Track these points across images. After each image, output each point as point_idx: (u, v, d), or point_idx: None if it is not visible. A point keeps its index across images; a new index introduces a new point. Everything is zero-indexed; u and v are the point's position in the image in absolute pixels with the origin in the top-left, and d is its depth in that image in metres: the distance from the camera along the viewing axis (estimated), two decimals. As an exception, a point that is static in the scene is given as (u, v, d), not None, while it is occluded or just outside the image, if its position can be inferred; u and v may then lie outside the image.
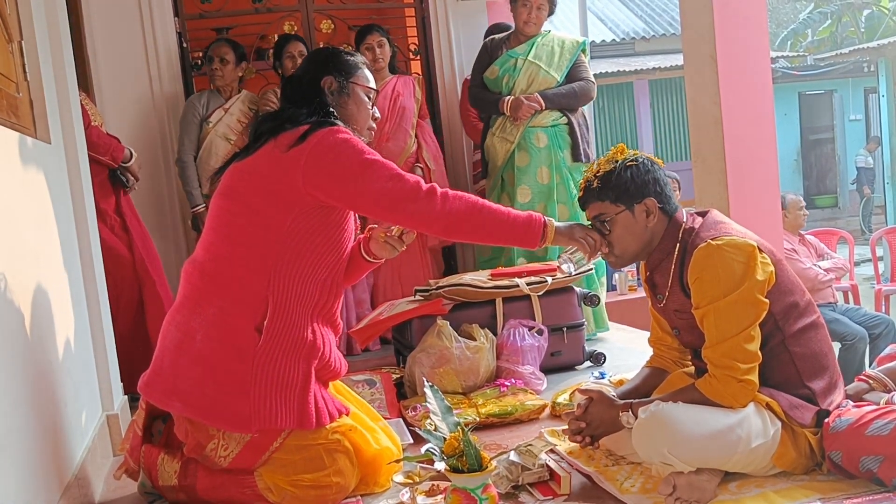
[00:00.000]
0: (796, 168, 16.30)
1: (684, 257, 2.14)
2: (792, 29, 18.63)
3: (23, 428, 1.86)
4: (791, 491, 2.00)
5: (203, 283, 2.20)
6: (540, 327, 3.36)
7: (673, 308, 2.23)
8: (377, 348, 4.32)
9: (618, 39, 12.99)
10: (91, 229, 2.96)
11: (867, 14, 17.94)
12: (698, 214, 2.23)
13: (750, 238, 2.10)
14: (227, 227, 2.19)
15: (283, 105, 2.33)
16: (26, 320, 2.02)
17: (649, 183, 2.17)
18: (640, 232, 2.19)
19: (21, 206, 2.13)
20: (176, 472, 2.26)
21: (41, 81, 2.53)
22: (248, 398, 2.12)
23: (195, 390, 2.15)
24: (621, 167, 2.18)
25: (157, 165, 4.35)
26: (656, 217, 2.18)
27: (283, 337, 2.15)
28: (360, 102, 2.35)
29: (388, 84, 4.42)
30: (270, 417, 2.12)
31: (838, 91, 16.52)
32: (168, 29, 4.42)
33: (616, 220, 2.19)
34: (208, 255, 2.22)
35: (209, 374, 2.14)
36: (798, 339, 2.10)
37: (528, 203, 4.02)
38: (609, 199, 2.18)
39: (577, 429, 2.24)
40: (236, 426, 2.14)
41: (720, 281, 2.03)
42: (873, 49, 14.15)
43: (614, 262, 2.28)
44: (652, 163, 2.21)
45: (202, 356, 2.15)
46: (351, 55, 2.39)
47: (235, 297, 2.15)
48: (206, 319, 2.16)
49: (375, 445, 2.28)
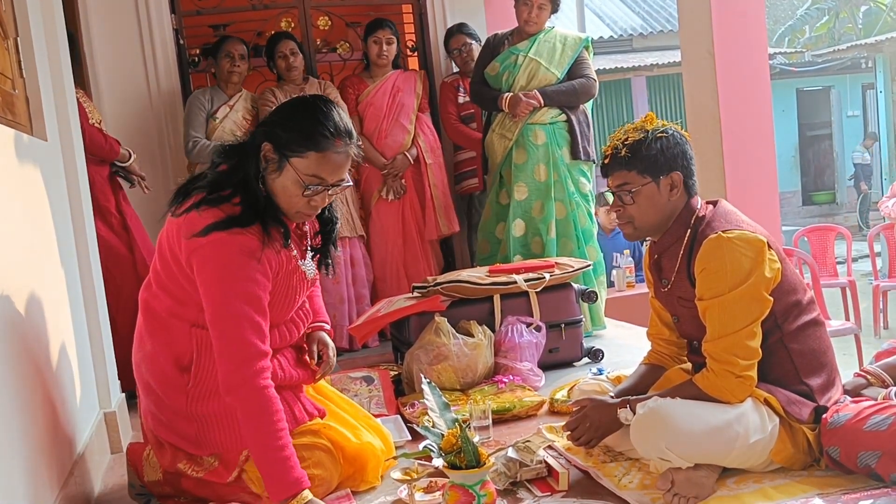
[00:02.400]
0: (794, 164, 16.32)
1: (693, 245, 2.12)
2: (790, 25, 18.65)
3: (20, 426, 1.86)
4: (789, 486, 2.01)
5: (144, 320, 2.23)
6: (538, 324, 3.36)
7: (677, 295, 2.21)
8: (375, 345, 4.32)
9: (616, 36, 13.01)
10: (88, 227, 2.95)
11: (865, 10, 17.95)
12: (709, 203, 2.22)
13: (760, 233, 2.08)
14: (163, 277, 2.17)
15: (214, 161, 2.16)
16: (23, 318, 2.02)
17: (678, 156, 2.13)
18: (662, 206, 2.14)
19: (17, 204, 2.13)
20: (161, 466, 2.27)
21: (37, 78, 2.52)
22: (193, 425, 2.16)
23: (154, 413, 2.21)
24: (652, 137, 2.12)
25: (154, 163, 4.33)
26: (679, 192, 2.15)
27: (212, 379, 2.12)
28: (288, 188, 2.05)
29: (388, 80, 4.42)
30: (217, 443, 2.16)
31: (836, 87, 16.53)
32: (165, 26, 4.41)
33: (641, 191, 2.13)
34: (150, 293, 2.21)
35: (158, 401, 2.19)
36: (797, 337, 2.10)
37: (525, 200, 4.02)
38: (636, 170, 2.12)
39: (576, 435, 2.23)
40: (192, 448, 2.18)
41: (727, 274, 2.02)
42: (871, 45, 14.18)
43: (631, 234, 2.21)
44: (681, 135, 2.16)
45: (149, 386, 2.21)
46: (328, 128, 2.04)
47: (164, 341, 2.17)
48: (145, 354, 2.21)
49: (356, 441, 2.27)
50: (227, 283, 2.01)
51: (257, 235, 2.05)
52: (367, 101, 4.40)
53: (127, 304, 3.52)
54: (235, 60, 4.17)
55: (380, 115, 4.40)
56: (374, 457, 2.29)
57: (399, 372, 3.26)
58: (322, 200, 2.10)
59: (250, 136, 2.15)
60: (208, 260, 2.02)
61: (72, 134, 2.87)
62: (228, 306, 2.01)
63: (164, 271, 2.16)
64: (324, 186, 2.07)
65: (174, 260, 2.11)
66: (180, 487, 2.26)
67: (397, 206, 4.42)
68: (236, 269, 2.01)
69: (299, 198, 2.07)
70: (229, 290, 2.01)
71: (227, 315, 2.01)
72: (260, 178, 2.07)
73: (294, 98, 2.21)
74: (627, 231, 2.21)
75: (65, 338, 2.46)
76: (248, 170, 2.07)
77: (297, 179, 2.04)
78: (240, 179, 2.07)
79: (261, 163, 2.07)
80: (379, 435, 2.41)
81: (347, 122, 2.11)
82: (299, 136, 2.04)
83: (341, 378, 3.08)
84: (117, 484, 2.55)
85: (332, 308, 4.12)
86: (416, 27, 4.92)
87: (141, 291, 2.25)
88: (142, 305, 2.24)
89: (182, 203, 2.11)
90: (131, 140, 4.00)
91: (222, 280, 2.02)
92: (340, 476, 2.24)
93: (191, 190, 2.13)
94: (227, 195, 2.07)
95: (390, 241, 4.42)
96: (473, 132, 4.51)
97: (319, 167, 2.04)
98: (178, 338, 2.15)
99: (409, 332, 3.34)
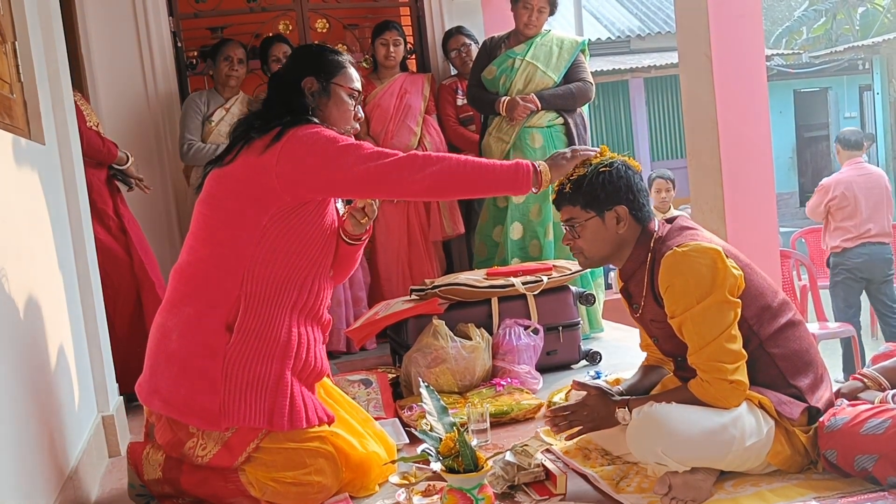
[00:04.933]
0: (791, 166, 16.34)
1: (654, 266, 2.14)
2: (787, 26, 18.65)
3: (18, 429, 1.86)
4: (786, 489, 2.01)
5: (181, 285, 2.25)
6: (536, 326, 3.36)
7: (649, 318, 2.22)
8: (373, 347, 4.32)
9: (613, 37, 13.01)
10: (86, 230, 2.95)
11: (862, 11, 17.96)
12: (667, 221, 2.23)
13: (715, 243, 2.10)
14: (206, 230, 2.24)
15: (264, 106, 2.34)
16: (21, 322, 2.02)
17: (621, 190, 2.15)
18: (611, 238, 2.18)
19: (15, 208, 2.13)
20: (160, 464, 2.28)
21: (35, 82, 2.52)
22: (218, 395, 2.15)
23: (171, 388, 2.20)
24: (593, 172, 2.16)
25: (152, 165, 4.33)
26: (627, 224, 2.16)
27: (254, 336, 2.17)
28: (340, 103, 2.35)
29: (395, 81, 4.43)
30: (239, 415, 2.15)
31: (833, 89, 16.55)
32: (162, 28, 4.41)
33: (585, 225, 2.17)
34: (189, 258, 2.27)
35: (182, 372, 2.19)
36: (776, 341, 2.10)
37: (524, 203, 4.02)
38: (579, 205, 2.17)
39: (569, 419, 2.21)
40: (207, 423, 2.17)
41: (690, 287, 2.03)
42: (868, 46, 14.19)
43: (584, 263, 2.27)
44: (627, 168, 2.18)
45: (176, 355, 2.20)
46: (336, 54, 2.39)
47: (210, 297, 2.19)
48: (181, 319, 2.21)
49: (362, 450, 2.28)
50: (333, 143, 2.18)
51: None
52: (375, 103, 4.40)
53: (125, 306, 3.53)
54: (234, 64, 4.17)
55: (386, 117, 4.40)
56: (377, 466, 2.31)
57: (397, 375, 3.26)
58: (359, 112, 2.41)
59: (280, 86, 2.35)
60: (308, 138, 2.18)
61: (69, 137, 2.87)
62: (349, 149, 2.18)
63: (215, 216, 2.23)
64: (359, 95, 2.40)
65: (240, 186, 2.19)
66: (180, 487, 2.26)
67: (402, 207, 4.42)
68: (327, 131, 2.22)
69: (349, 112, 2.36)
70: (338, 143, 2.18)
71: (347, 157, 2.16)
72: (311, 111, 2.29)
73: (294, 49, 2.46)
74: (580, 261, 2.27)
75: (62, 341, 2.46)
76: (297, 108, 2.27)
77: (347, 94, 2.35)
78: (293, 113, 2.24)
79: (306, 98, 2.30)
80: (382, 442, 2.42)
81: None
82: (328, 63, 2.35)
83: (339, 381, 3.08)
84: (115, 488, 2.55)
85: (330, 311, 4.11)
86: (413, 29, 4.92)
87: (173, 269, 2.31)
88: (176, 277, 2.28)
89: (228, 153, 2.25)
90: (129, 143, 3.99)
91: (328, 142, 2.18)
92: (340, 484, 2.24)
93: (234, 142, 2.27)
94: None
95: (395, 242, 4.43)
96: (472, 134, 4.51)
97: (352, 80, 2.38)
98: (227, 292, 2.19)
99: (407, 335, 3.34)
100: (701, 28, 3.52)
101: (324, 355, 2.37)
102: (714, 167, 3.58)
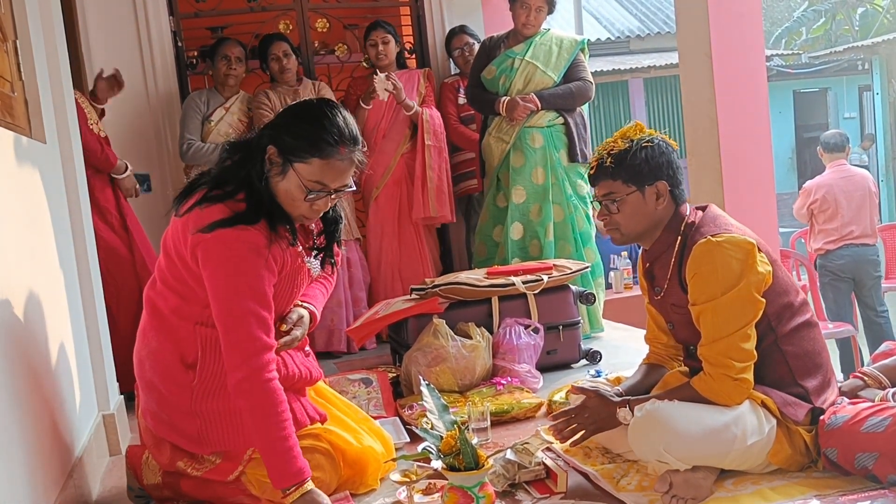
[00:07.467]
0: (791, 166, 16.33)
1: (684, 251, 2.13)
2: (786, 27, 18.65)
3: (18, 428, 1.86)
4: (787, 488, 2.01)
5: (149, 317, 2.23)
6: (536, 325, 3.37)
7: (670, 302, 2.22)
8: (373, 347, 4.32)
9: (613, 38, 13.00)
10: (87, 229, 2.95)
11: (861, 12, 17.96)
12: (698, 209, 2.23)
13: (749, 236, 2.10)
14: (168, 276, 2.18)
15: (231, 146, 2.17)
16: (21, 320, 2.02)
17: (663, 166, 2.15)
18: (649, 214, 2.17)
19: (16, 207, 2.13)
20: (160, 469, 2.27)
21: (36, 81, 2.52)
22: (196, 422, 2.15)
23: (155, 411, 2.20)
24: (637, 147, 2.15)
25: (152, 164, 4.33)
26: (666, 201, 2.16)
27: (217, 377, 2.13)
28: (291, 192, 2.06)
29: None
30: (220, 441, 2.16)
31: (833, 89, 16.56)
32: (163, 28, 4.41)
33: (626, 200, 2.15)
34: (155, 292, 2.22)
35: (161, 398, 2.19)
36: (791, 339, 2.11)
37: (524, 203, 4.02)
38: (621, 179, 2.15)
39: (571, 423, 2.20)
40: (193, 446, 2.18)
41: (718, 278, 2.03)
42: (867, 47, 14.19)
43: (618, 240, 2.25)
44: (667, 145, 2.19)
45: (152, 384, 2.20)
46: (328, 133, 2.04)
47: (170, 335, 2.17)
48: (150, 350, 2.21)
49: (357, 445, 2.28)
50: (233, 278, 2.02)
51: (263, 232, 2.05)
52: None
53: (127, 304, 3.53)
54: (232, 63, 4.17)
55: (379, 113, 4.40)
56: (374, 460, 2.30)
57: (397, 374, 3.26)
58: (324, 205, 2.12)
59: (256, 137, 2.14)
60: (214, 256, 2.03)
61: (70, 136, 2.87)
62: (234, 302, 2.02)
63: (169, 270, 2.16)
64: (326, 192, 2.08)
65: (179, 258, 2.11)
66: (180, 491, 2.26)
67: (395, 198, 4.40)
68: (242, 264, 2.02)
69: (301, 202, 2.08)
70: (235, 285, 2.02)
71: (234, 310, 2.02)
72: (264, 179, 2.08)
73: (300, 102, 2.22)
74: (615, 237, 2.25)
75: (63, 340, 2.46)
76: (252, 170, 2.07)
77: (300, 185, 2.05)
78: (244, 177, 2.09)
79: (265, 164, 2.08)
80: (379, 438, 2.41)
81: (353, 127, 2.11)
82: (304, 142, 2.04)
83: (339, 380, 3.08)
84: (116, 486, 2.55)
85: (330, 311, 4.12)
86: (413, 29, 4.92)
87: (146, 289, 2.25)
88: (146, 303, 2.24)
89: (185, 201, 2.12)
90: (129, 142, 4.00)
91: (228, 276, 2.02)
92: (339, 479, 2.24)
93: (194, 188, 2.14)
94: (231, 191, 2.08)
95: (386, 236, 4.41)
96: (473, 133, 4.51)
97: (323, 173, 2.05)
98: (184, 336, 2.15)
99: (408, 334, 3.34)
100: (701, 28, 3.53)
101: (308, 362, 2.33)
102: (714, 167, 3.59)
